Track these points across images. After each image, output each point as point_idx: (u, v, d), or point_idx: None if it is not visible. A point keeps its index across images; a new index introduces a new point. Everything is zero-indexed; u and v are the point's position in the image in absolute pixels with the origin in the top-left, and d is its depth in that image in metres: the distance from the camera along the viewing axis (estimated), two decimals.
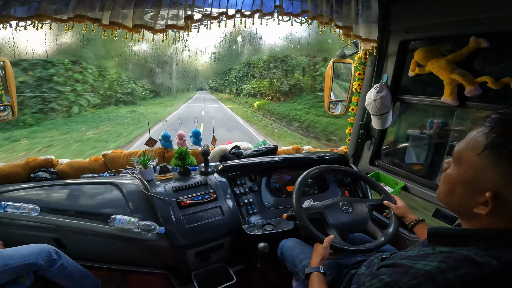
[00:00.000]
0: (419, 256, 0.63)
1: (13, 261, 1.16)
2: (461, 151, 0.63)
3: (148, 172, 1.58)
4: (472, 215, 0.62)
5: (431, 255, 0.61)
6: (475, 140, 0.60)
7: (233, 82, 22.17)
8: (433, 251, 0.63)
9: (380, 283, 0.62)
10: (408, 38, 1.67)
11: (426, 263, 0.59)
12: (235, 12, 1.45)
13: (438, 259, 0.59)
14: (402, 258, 0.66)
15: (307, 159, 1.92)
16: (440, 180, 0.71)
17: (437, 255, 0.60)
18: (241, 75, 20.49)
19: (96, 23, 1.33)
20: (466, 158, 0.62)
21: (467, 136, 0.63)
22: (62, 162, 1.84)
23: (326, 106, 2.16)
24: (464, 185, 0.62)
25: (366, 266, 1.06)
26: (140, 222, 1.36)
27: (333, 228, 1.22)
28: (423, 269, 0.58)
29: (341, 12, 1.60)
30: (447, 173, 0.68)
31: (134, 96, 14.53)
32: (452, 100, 1.43)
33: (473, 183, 0.60)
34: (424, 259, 0.61)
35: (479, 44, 1.31)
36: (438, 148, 1.78)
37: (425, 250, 0.66)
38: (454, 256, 0.58)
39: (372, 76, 1.93)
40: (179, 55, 2.31)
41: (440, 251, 0.61)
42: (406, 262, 0.62)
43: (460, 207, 0.65)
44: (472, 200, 0.61)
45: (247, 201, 1.60)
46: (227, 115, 15.54)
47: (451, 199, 0.67)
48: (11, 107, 1.70)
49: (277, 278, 1.57)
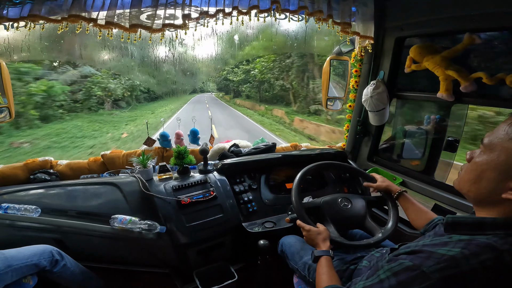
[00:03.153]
0: (438, 244, 0.64)
1: (16, 262, 1.17)
2: (493, 138, 0.65)
3: (147, 171, 1.59)
4: (498, 201, 0.63)
5: (450, 242, 0.62)
6: (509, 127, 0.62)
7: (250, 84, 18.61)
8: (450, 240, 0.64)
9: (400, 266, 0.62)
10: (403, 35, 1.68)
11: (449, 249, 0.60)
12: (231, 9, 1.45)
13: (459, 245, 0.60)
14: (419, 246, 0.66)
15: (306, 156, 1.94)
16: (463, 169, 0.72)
17: (457, 242, 0.61)
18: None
19: (92, 23, 1.32)
20: (499, 144, 0.63)
21: (500, 125, 0.65)
22: (61, 163, 1.84)
23: (324, 103, 2.18)
24: (495, 170, 0.63)
25: (367, 260, 1.07)
26: (141, 221, 1.37)
27: (331, 223, 1.23)
28: (446, 254, 0.58)
29: (338, 8, 1.61)
30: (475, 161, 0.68)
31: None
32: (447, 95, 1.45)
33: (505, 168, 0.61)
34: (444, 245, 0.61)
35: (473, 41, 1.32)
36: (435, 143, 1.79)
37: (440, 239, 0.67)
38: (475, 243, 0.59)
39: (369, 73, 1.94)
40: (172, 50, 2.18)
41: (459, 239, 0.62)
42: (427, 248, 0.63)
43: (487, 193, 0.65)
44: (502, 185, 0.62)
45: (247, 199, 1.61)
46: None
47: (478, 186, 0.67)
48: (8, 109, 1.70)
49: (278, 275, 1.59)
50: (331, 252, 1.02)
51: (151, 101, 16.24)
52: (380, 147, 2.06)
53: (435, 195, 1.57)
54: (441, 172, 1.75)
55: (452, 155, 1.71)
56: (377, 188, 1.32)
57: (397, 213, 1.27)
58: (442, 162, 1.75)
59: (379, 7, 1.68)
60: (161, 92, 8.11)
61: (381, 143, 2.05)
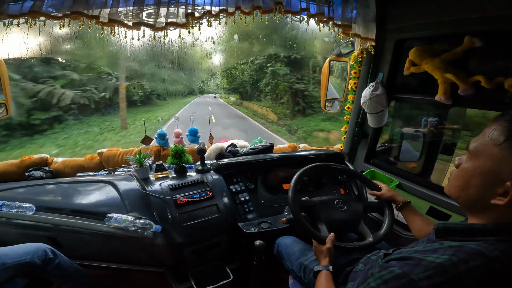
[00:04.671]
0: (428, 250, 0.64)
1: (9, 260, 1.15)
2: (478, 144, 0.65)
3: (144, 170, 1.58)
4: (487, 207, 0.63)
5: (440, 249, 0.62)
6: (494, 133, 0.62)
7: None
8: (441, 246, 0.63)
9: (390, 274, 0.62)
10: (403, 37, 1.68)
11: (437, 256, 0.59)
12: (235, 9, 1.46)
13: (448, 252, 0.59)
14: (411, 252, 0.67)
15: (303, 157, 1.93)
16: (452, 176, 0.73)
17: (447, 249, 0.61)
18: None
19: (94, 20, 1.31)
20: (484, 150, 0.63)
21: (485, 131, 0.65)
22: (57, 160, 1.83)
23: (322, 104, 2.17)
24: (481, 176, 0.63)
25: (363, 263, 1.07)
26: (136, 220, 1.36)
27: (323, 223, 1.24)
28: (434, 261, 0.58)
29: (339, 10, 1.62)
30: (462, 167, 0.69)
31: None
32: (445, 99, 1.45)
33: (491, 174, 0.62)
34: (434, 252, 0.61)
35: (473, 44, 1.32)
36: (432, 146, 1.80)
37: (432, 245, 0.66)
38: (464, 250, 0.59)
39: (368, 75, 1.94)
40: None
41: (449, 246, 0.62)
42: (417, 255, 0.63)
43: (475, 200, 0.66)
44: (490, 191, 0.62)
45: (243, 199, 1.60)
46: None
47: (467, 192, 0.67)
48: (5, 106, 1.69)
49: (273, 275, 1.59)
50: (330, 267, 1.05)
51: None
52: (377, 149, 2.06)
53: (430, 197, 1.57)
54: (438, 175, 1.75)
55: (449, 158, 1.71)
56: (381, 197, 1.32)
57: (391, 224, 1.26)
58: (438, 165, 1.76)
59: (380, 9, 1.68)
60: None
61: (378, 145, 2.06)
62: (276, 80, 14.05)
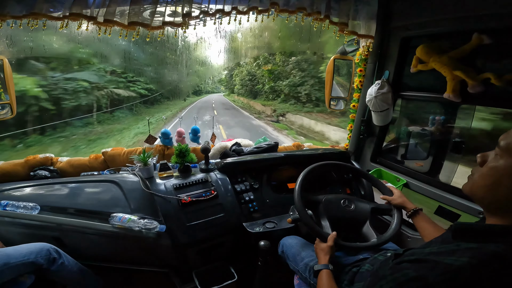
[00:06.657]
0: (444, 252, 0.61)
1: (13, 260, 1.15)
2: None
3: (148, 169, 1.57)
4: None
5: (457, 251, 0.59)
6: None
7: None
8: (458, 247, 0.60)
9: (404, 277, 0.58)
10: (409, 35, 1.66)
11: (456, 258, 0.56)
12: (231, 9, 1.45)
13: (467, 254, 0.56)
14: (424, 254, 0.63)
15: (308, 156, 1.91)
16: (476, 174, 0.68)
17: (465, 251, 0.58)
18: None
19: (92, 21, 1.32)
20: None
21: None
22: (61, 160, 1.83)
23: (327, 102, 2.15)
24: None
25: (370, 263, 1.05)
26: (140, 220, 1.35)
27: (326, 220, 1.22)
28: (454, 264, 0.55)
29: (338, 8, 1.61)
30: (492, 165, 0.64)
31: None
32: (454, 96, 1.42)
33: None
34: (452, 255, 0.58)
35: (481, 41, 1.30)
36: (440, 145, 1.77)
37: (447, 247, 0.63)
38: (484, 252, 0.56)
39: (374, 73, 1.92)
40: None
41: (467, 247, 0.59)
42: (432, 257, 0.60)
43: (504, 201, 0.61)
44: None
45: (248, 199, 1.59)
46: None
47: (495, 192, 0.62)
48: (10, 106, 1.69)
49: (278, 276, 1.57)
50: (330, 266, 1.03)
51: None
52: (383, 148, 2.03)
53: (439, 197, 1.54)
54: (446, 174, 1.72)
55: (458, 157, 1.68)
56: (391, 202, 1.29)
57: (399, 228, 1.24)
58: (447, 164, 1.72)
59: (384, 7, 1.66)
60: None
61: (384, 144, 2.03)
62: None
